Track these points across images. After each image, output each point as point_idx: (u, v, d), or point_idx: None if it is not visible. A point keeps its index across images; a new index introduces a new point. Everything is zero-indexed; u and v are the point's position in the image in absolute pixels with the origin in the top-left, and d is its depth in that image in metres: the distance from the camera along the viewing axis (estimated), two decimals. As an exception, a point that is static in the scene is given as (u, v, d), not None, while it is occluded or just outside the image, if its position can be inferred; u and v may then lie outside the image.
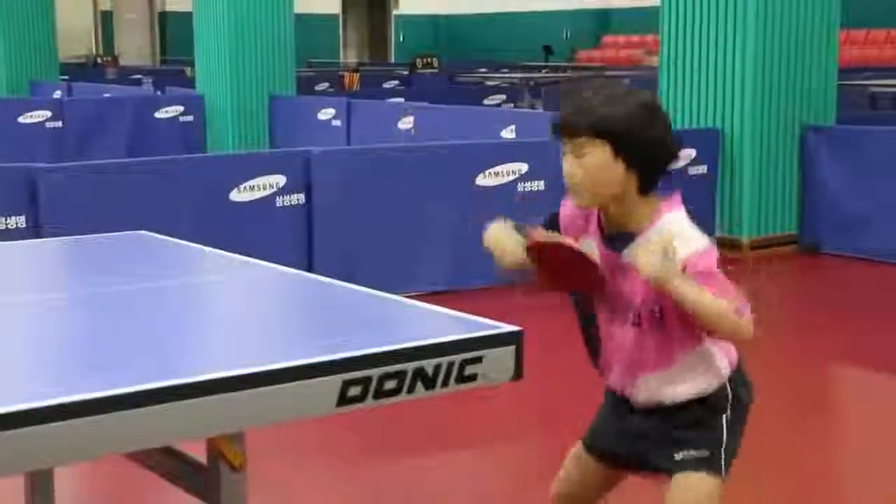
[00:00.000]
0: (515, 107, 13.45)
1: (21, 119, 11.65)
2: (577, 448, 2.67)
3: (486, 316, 2.28)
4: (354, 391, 1.99)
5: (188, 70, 16.38)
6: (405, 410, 2.49)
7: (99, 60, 22.72)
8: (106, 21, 26.69)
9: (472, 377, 2.12)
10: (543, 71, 19.07)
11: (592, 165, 2.29)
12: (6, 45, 15.20)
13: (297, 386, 1.95)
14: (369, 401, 2.01)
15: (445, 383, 2.08)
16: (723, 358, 2.44)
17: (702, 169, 7.80)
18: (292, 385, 1.95)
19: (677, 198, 2.39)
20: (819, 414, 4.98)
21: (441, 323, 2.34)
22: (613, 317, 2.44)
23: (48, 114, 11.76)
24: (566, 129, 2.33)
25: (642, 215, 2.35)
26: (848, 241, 7.70)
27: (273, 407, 1.94)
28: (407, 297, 2.62)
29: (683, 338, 2.37)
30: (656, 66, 8.70)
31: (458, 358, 2.10)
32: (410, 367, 2.05)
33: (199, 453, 2.27)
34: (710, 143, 7.81)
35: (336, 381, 1.98)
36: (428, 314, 2.43)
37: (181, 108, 12.25)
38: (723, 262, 2.36)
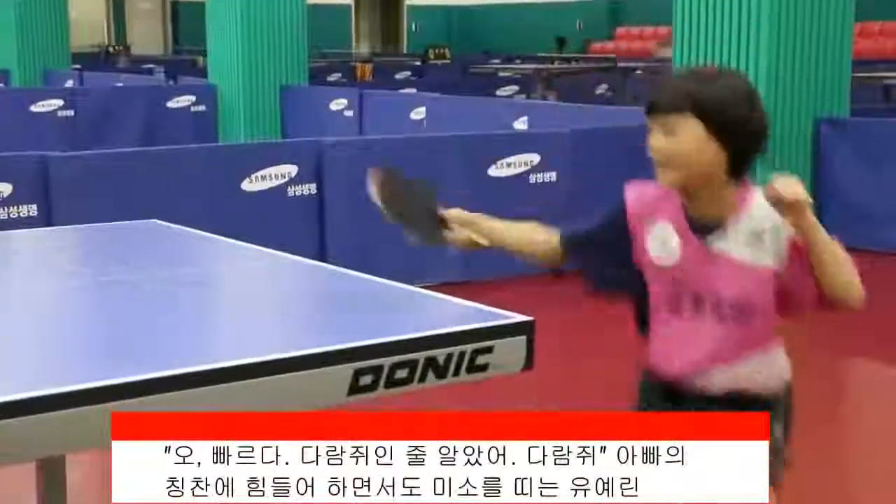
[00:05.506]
0: (528, 98, 13.42)
1: (33, 108, 11.67)
2: None
3: (497, 306, 2.28)
4: (366, 380, 1.99)
5: (200, 60, 16.39)
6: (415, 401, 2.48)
7: (111, 50, 22.76)
8: (118, 10, 26.74)
9: (484, 367, 2.12)
10: (556, 62, 19.04)
11: (683, 141, 2.22)
12: (20, 35, 15.22)
13: (308, 375, 1.95)
14: (380, 390, 2.01)
15: (457, 373, 2.08)
16: (785, 359, 2.40)
17: (715, 161, 7.77)
18: (304, 374, 1.95)
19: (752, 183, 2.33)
20: (834, 404, 4.96)
21: (452, 313, 2.34)
22: (685, 307, 2.33)
23: (60, 102, 11.77)
24: (658, 107, 2.27)
25: (730, 201, 2.27)
26: (862, 234, 7.64)
27: (284, 396, 1.94)
28: (419, 287, 2.61)
29: (763, 331, 2.33)
30: (669, 58, 8.66)
31: (469, 348, 2.10)
32: (422, 356, 2.05)
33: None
34: (723, 134, 7.78)
35: (347, 369, 1.98)
36: (439, 304, 2.42)
37: (193, 98, 12.25)
38: None
